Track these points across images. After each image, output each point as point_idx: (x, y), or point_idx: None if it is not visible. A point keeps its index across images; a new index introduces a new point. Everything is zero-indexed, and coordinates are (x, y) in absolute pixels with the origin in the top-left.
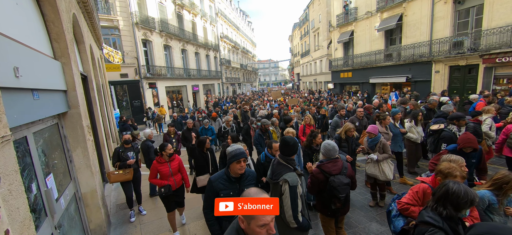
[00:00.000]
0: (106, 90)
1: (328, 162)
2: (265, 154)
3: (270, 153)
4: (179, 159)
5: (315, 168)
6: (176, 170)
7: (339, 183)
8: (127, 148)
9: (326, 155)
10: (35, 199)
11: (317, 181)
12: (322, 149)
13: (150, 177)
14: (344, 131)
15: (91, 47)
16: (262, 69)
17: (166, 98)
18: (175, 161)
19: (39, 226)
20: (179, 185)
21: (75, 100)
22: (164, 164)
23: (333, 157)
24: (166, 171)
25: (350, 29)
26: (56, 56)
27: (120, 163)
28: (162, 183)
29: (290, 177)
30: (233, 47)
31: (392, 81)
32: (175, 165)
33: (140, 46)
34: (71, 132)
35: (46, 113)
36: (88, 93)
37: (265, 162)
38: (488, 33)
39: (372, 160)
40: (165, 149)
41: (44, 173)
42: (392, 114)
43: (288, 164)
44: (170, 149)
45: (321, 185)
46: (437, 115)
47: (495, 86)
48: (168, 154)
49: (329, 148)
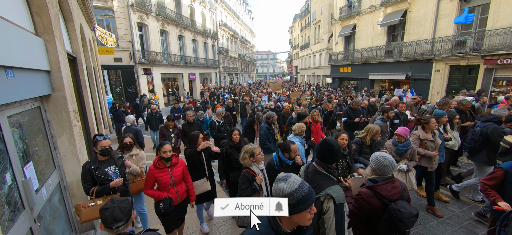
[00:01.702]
0: (98, 74)
1: (385, 183)
2: (279, 158)
3: (286, 157)
4: (183, 163)
5: (365, 190)
6: (179, 178)
7: (408, 214)
8: (104, 161)
9: (379, 173)
10: (10, 190)
11: (368, 207)
12: (374, 164)
13: (146, 187)
14: (370, 135)
15: (82, 26)
16: (260, 60)
17: (162, 85)
18: (179, 166)
19: (14, 220)
20: (183, 199)
21: (60, 82)
22: (164, 170)
23: (387, 176)
24: (167, 179)
25: (352, 23)
26: (38, 32)
27: (97, 187)
28: (161, 196)
29: (335, 192)
30: (232, 36)
31: (391, 78)
32: (179, 172)
33: (135, 29)
34: (55, 117)
35: (24, 94)
36: (77, 75)
37: (280, 168)
38: (491, 34)
39: (401, 171)
40: (161, 150)
41: (22, 162)
42: (437, 117)
43: (329, 174)
44: (169, 151)
45: (373, 213)
46: (485, 119)
47: (493, 88)
48: (168, 158)
49: (385, 163)
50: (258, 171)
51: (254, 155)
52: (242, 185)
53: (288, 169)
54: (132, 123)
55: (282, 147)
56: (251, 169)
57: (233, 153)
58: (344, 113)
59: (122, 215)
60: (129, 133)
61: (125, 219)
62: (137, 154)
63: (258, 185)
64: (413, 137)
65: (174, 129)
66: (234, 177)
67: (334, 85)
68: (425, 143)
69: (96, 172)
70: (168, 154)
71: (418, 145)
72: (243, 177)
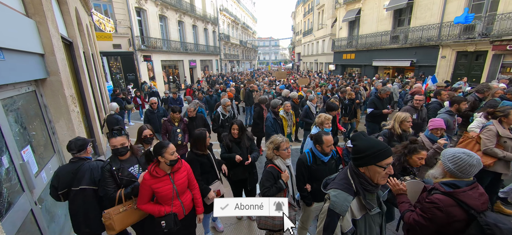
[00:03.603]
0: (97, 60)
1: (471, 189)
2: (312, 154)
3: (320, 152)
4: (187, 166)
5: (442, 197)
6: (184, 186)
7: (508, 231)
8: (126, 160)
9: (460, 174)
10: (8, 173)
11: (445, 219)
12: (451, 162)
13: (140, 201)
14: (398, 122)
15: (77, 10)
16: (262, 47)
17: (162, 72)
18: (182, 171)
19: (14, 202)
20: (189, 210)
21: (55, 65)
22: (164, 178)
23: (469, 179)
24: (168, 190)
25: (357, 7)
26: (28, 13)
27: (124, 189)
28: (162, 212)
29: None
30: (233, 22)
31: (396, 65)
32: (183, 179)
33: (134, 15)
34: (52, 101)
35: (16, 77)
36: (74, 60)
37: (313, 165)
38: (503, 18)
39: None
40: (164, 152)
41: (19, 145)
42: None
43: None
44: (173, 151)
45: (453, 227)
46: None
47: (500, 75)
48: (171, 161)
49: (470, 161)
50: (284, 167)
51: (279, 149)
52: (265, 182)
53: (322, 167)
54: (116, 111)
55: (314, 138)
56: (276, 164)
57: (233, 147)
58: (370, 102)
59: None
60: (147, 124)
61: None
62: None
63: (284, 183)
64: (487, 133)
65: (180, 122)
66: (234, 175)
67: (337, 72)
68: (505, 142)
69: (118, 174)
70: (174, 157)
71: (494, 144)
72: (266, 173)
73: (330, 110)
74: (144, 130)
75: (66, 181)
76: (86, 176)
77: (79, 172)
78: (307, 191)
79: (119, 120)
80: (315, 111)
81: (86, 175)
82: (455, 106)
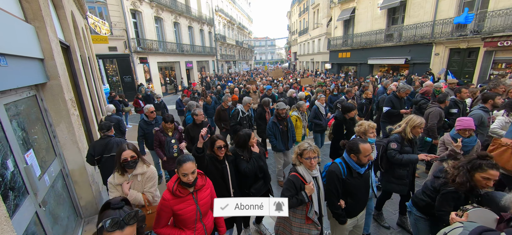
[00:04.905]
0: (94, 63)
1: None
2: (346, 164)
3: (355, 162)
4: (210, 183)
5: None
6: (208, 206)
7: None
8: None
9: None
10: (13, 176)
11: None
12: None
13: (157, 225)
14: (411, 126)
15: (73, 14)
16: (258, 47)
17: (159, 74)
18: (206, 189)
19: (20, 204)
20: (211, 232)
21: (54, 70)
22: (187, 198)
23: None
24: (192, 212)
25: (351, 6)
26: (27, 19)
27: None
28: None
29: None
30: (229, 22)
31: (391, 62)
32: (206, 198)
33: (129, 17)
34: (52, 105)
35: (18, 82)
36: (72, 64)
37: (348, 178)
38: (493, 15)
39: None
40: (178, 170)
41: (22, 149)
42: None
43: None
44: (191, 171)
45: None
46: None
47: (492, 71)
48: (190, 182)
49: None
50: (309, 177)
51: (302, 156)
52: (285, 192)
53: (358, 180)
54: (112, 112)
55: (348, 147)
56: (299, 173)
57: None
58: (387, 101)
59: None
60: (127, 144)
61: None
62: (144, 173)
63: (307, 196)
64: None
65: (175, 132)
66: (256, 192)
67: (333, 70)
68: None
69: None
70: (191, 178)
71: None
72: (288, 181)
73: (346, 112)
74: (123, 152)
75: (99, 150)
76: (114, 147)
77: (109, 144)
78: (341, 208)
79: (120, 120)
80: (324, 112)
81: (114, 146)
82: (490, 102)
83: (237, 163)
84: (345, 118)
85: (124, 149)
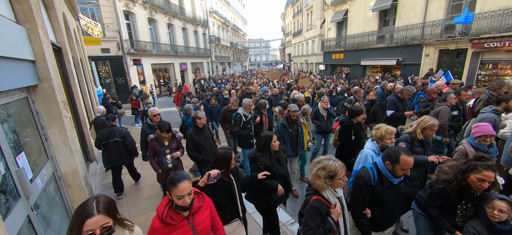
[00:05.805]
0: (86, 65)
1: None
2: (377, 170)
3: (389, 171)
4: (210, 202)
5: None
6: (207, 231)
7: None
8: None
9: None
10: (4, 179)
11: None
12: None
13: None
14: (422, 127)
15: (65, 15)
16: (253, 49)
17: (152, 76)
18: (204, 210)
19: (12, 208)
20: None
21: (46, 72)
22: (181, 224)
23: None
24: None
25: (344, 8)
26: (18, 20)
27: None
28: None
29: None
30: (223, 24)
31: (383, 63)
32: (206, 222)
33: (122, 18)
34: (44, 107)
35: (9, 84)
36: (63, 66)
37: (378, 186)
38: (480, 17)
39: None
40: (171, 190)
41: (13, 152)
42: None
43: None
44: (187, 192)
45: None
46: None
47: (480, 71)
48: (186, 206)
49: None
50: (334, 200)
51: (334, 178)
52: (310, 221)
53: (390, 191)
54: (102, 113)
55: (387, 153)
56: (325, 197)
57: (275, 167)
58: (389, 104)
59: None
60: (98, 200)
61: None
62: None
63: (335, 222)
64: None
65: (172, 140)
66: (278, 200)
67: (327, 72)
68: None
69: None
70: (187, 200)
71: None
72: (311, 209)
73: (354, 115)
74: (87, 220)
75: (105, 136)
76: (117, 134)
77: (113, 132)
78: (366, 217)
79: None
80: (326, 114)
81: (117, 134)
82: (503, 105)
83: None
84: (352, 122)
85: (88, 214)
